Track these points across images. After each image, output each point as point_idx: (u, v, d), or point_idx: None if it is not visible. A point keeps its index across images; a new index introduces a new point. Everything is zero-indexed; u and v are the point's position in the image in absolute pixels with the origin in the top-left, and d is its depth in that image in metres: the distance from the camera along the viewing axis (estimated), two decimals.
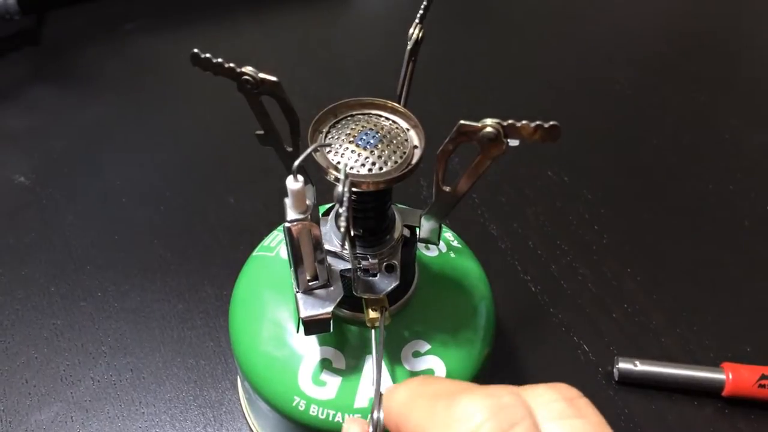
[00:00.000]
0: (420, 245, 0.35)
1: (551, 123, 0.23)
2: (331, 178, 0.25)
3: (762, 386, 0.41)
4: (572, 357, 0.44)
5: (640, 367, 0.42)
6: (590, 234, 0.51)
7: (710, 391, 0.42)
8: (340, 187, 0.21)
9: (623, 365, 0.42)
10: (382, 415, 0.24)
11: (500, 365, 0.43)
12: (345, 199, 0.20)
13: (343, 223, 0.20)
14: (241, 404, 0.41)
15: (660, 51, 0.68)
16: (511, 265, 0.49)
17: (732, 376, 0.41)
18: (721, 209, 0.53)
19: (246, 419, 0.40)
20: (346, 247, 0.27)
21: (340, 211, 0.20)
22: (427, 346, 0.32)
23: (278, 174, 0.25)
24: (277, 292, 0.34)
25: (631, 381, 0.42)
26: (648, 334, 0.45)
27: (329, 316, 0.28)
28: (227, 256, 0.48)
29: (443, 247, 0.37)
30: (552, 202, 0.53)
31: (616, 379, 0.42)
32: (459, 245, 0.38)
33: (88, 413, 0.41)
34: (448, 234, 0.38)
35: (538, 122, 0.23)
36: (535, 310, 0.46)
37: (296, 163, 0.23)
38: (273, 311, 0.33)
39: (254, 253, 0.38)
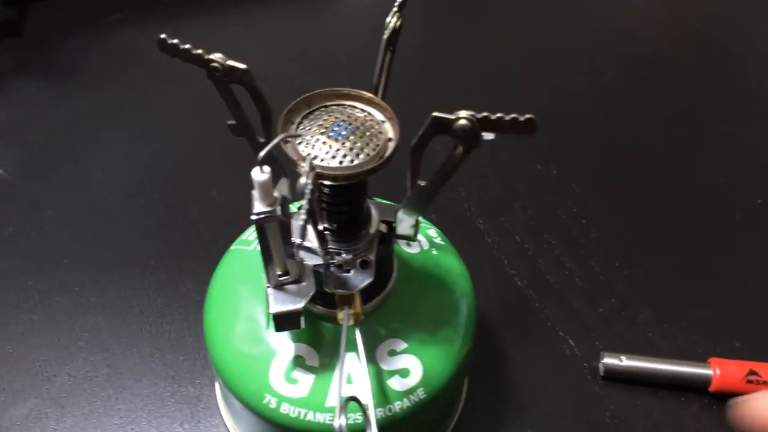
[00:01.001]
0: (402, 242, 0.35)
1: (527, 116, 0.22)
2: (300, 170, 0.24)
3: (750, 382, 0.40)
4: (558, 352, 0.43)
5: (625, 362, 0.41)
6: (578, 228, 0.50)
7: (697, 387, 0.41)
8: (302, 179, 0.20)
9: (609, 360, 0.42)
10: (344, 422, 0.23)
11: (484, 360, 0.42)
12: (307, 191, 0.20)
13: (302, 216, 0.19)
14: (217, 400, 0.40)
15: (650, 45, 0.68)
16: (497, 259, 0.48)
17: (719, 372, 0.40)
18: (712, 203, 0.52)
19: (221, 415, 0.39)
20: (308, 241, 0.26)
21: (302, 204, 0.20)
22: (404, 345, 0.31)
23: None
24: (254, 287, 0.33)
25: (616, 376, 0.42)
26: (635, 329, 0.45)
27: (300, 311, 0.27)
28: (208, 250, 0.47)
29: (425, 243, 0.36)
30: (540, 196, 0.52)
31: (602, 374, 0.42)
32: (442, 242, 0.37)
33: (63, 409, 0.40)
34: (431, 231, 0.38)
35: (513, 115, 0.22)
36: (521, 304, 0.46)
37: (261, 154, 0.22)
38: (248, 307, 0.33)
39: (232, 247, 0.37)
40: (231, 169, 0.52)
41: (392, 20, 0.26)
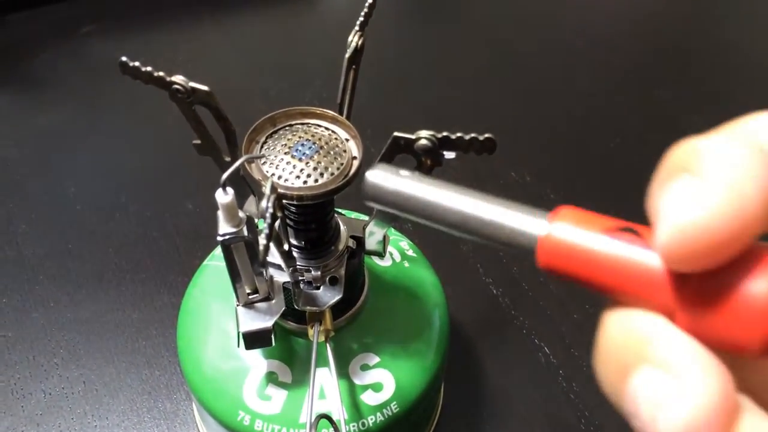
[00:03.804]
0: (374, 256, 0.35)
1: (486, 136, 0.22)
2: (264, 190, 0.25)
3: None
4: (533, 360, 0.44)
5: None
6: None
7: None
8: (264, 202, 0.20)
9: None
10: None
11: (460, 369, 0.42)
12: (268, 214, 0.20)
13: (263, 242, 0.19)
14: (194, 415, 0.40)
15: (623, 51, 0.68)
16: (473, 268, 0.48)
17: None
18: None
19: (198, 431, 0.39)
20: (273, 259, 0.26)
21: (264, 225, 0.20)
22: (377, 359, 0.31)
23: None
24: (227, 303, 0.33)
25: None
26: None
27: (270, 329, 0.27)
28: (184, 264, 0.47)
29: (397, 256, 0.36)
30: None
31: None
32: (414, 254, 0.37)
33: (39, 427, 0.40)
34: (403, 243, 0.38)
35: (473, 135, 0.22)
36: (497, 313, 0.46)
37: (224, 175, 0.22)
38: (221, 323, 0.33)
39: (205, 262, 0.37)
40: (206, 182, 0.52)
41: (354, 39, 0.27)
